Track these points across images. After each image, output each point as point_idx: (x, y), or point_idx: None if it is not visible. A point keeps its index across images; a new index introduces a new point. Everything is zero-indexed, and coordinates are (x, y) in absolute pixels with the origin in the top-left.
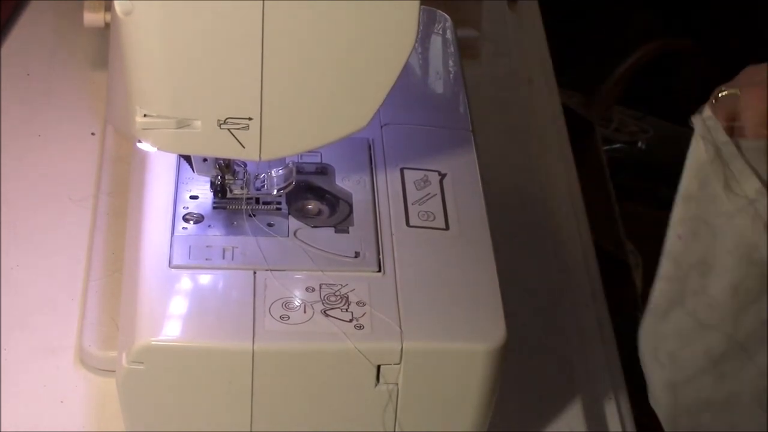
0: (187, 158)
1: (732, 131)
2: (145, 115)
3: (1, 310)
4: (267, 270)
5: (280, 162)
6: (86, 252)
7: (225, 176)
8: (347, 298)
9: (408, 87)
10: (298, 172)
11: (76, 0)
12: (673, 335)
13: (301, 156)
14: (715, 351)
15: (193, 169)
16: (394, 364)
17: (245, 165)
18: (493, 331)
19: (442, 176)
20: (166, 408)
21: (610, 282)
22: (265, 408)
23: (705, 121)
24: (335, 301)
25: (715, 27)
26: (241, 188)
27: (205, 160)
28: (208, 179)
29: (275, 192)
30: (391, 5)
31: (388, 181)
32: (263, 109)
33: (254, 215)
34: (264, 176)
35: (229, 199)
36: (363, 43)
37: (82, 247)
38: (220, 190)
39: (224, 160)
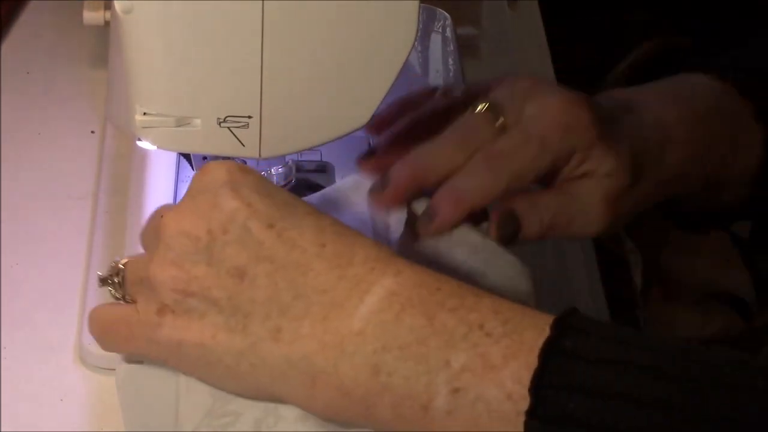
0: (187, 157)
1: None
2: (144, 114)
3: (1, 307)
4: None
5: (280, 160)
6: (86, 250)
7: None
8: None
9: (408, 85)
10: (298, 170)
11: None
12: None
13: (301, 154)
14: None
15: (192, 168)
16: None
17: (245, 163)
18: None
19: None
20: (165, 406)
21: (609, 281)
22: None
23: None
24: None
25: (715, 25)
26: None
27: (205, 158)
28: None
29: None
30: (391, 4)
31: None
32: (263, 108)
33: None
34: (264, 174)
35: None
36: (363, 41)
37: (82, 246)
38: None
39: (224, 158)
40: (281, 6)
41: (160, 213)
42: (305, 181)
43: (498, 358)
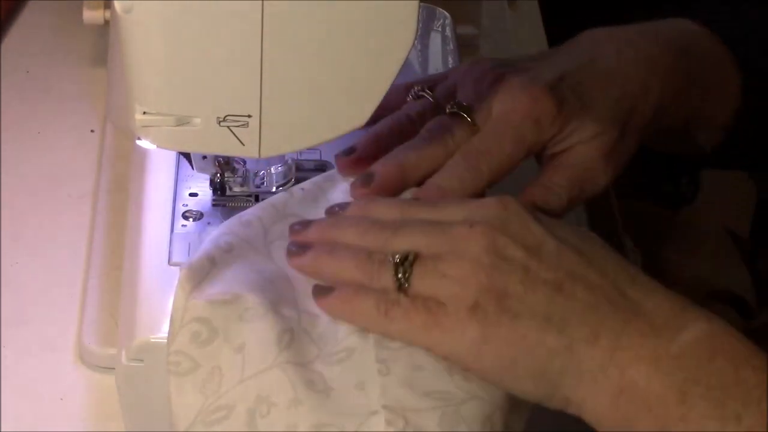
0: (187, 156)
1: None
2: (144, 113)
3: (1, 307)
4: None
5: (280, 159)
6: (86, 249)
7: (224, 174)
8: None
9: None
10: (298, 169)
11: None
12: None
13: (301, 153)
14: None
15: (192, 167)
16: None
17: (245, 162)
18: None
19: None
20: (165, 405)
21: None
22: None
23: None
24: None
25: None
26: (241, 185)
27: (204, 157)
28: (207, 176)
29: (274, 189)
30: (391, 4)
31: None
32: (262, 107)
33: None
34: (263, 173)
35: (228, 196)
36: (362, 41)
37: (82, 245)
38: (219, 188)
39: (224, 157)
40: (281, 6)
41: (458, 226)
42: (305, 180)
43: None
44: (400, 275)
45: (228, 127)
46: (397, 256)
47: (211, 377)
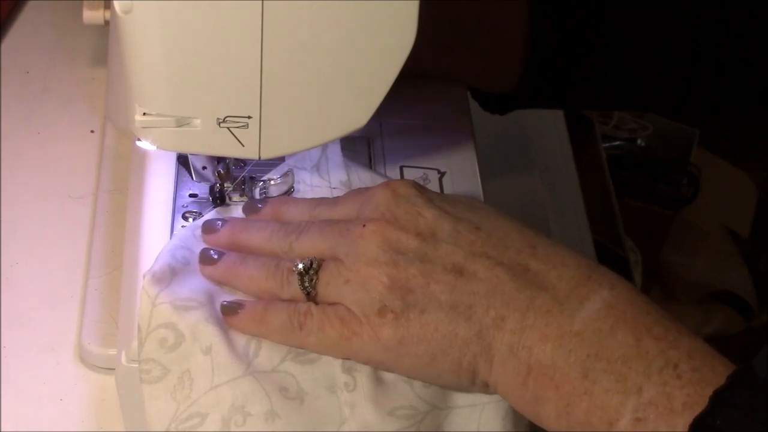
0: (186, 166)
1: None
2: (144, 114)
3: (1, 307)
4: None
5: (279, 169)
6: (86, 249)
7: (224, 183)
8: None
9: (407, 84)
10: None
11: None
12: None
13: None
14: None
15: (192, 177)
16: None
17: (245, 163)
18: None
19: (442, 174)
20: None
21: None
22: None
23: None
24: None
25: (716, 25)
26: (240, 195)
27: (204, 167)
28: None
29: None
30: (391, 4)
31: None
32: (262, 108)
33: None
34: (263, 183)
35: (228, 205)
36: (362, 42)
37: (82, 245)
38: (219, 198)
39: (223, 167)
40: (281, 6)
41: (342, 224)
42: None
43: (679, 404)
44: (306, 284)
45: (228, 128)
46: (300, 265)
47: (181, 382)
